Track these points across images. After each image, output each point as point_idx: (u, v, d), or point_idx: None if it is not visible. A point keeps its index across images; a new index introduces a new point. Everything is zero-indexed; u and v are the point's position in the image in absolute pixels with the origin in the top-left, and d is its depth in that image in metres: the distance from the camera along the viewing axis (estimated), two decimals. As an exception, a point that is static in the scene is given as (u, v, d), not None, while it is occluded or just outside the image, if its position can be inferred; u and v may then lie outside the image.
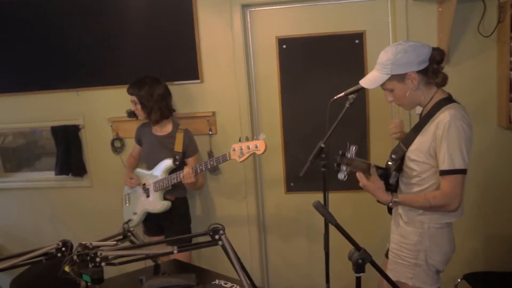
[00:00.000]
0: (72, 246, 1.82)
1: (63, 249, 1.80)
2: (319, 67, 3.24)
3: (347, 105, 2.33)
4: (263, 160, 3.45)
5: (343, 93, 2.36)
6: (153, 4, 3.27)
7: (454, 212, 1.96)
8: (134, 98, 2.96)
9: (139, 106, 2.97)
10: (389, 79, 2.01)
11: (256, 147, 2.64)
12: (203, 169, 2.82)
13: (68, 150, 3.55)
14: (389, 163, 2.14)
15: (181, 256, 2.78)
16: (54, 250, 1.80)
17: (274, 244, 3.56)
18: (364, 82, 2.11)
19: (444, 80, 2.04)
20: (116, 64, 3.39)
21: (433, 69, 2.00)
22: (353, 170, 2.07)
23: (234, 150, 2.70)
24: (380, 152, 3.19)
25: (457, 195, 1.90)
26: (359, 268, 1.47)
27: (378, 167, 2.12)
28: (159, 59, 3.33)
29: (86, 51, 3.41)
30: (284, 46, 3.27)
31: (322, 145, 2.35)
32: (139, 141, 3.19)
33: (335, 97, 2.37)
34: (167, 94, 3.03)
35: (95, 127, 3.54)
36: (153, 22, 3.29)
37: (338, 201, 3.21)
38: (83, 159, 3.59)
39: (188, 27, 3.25)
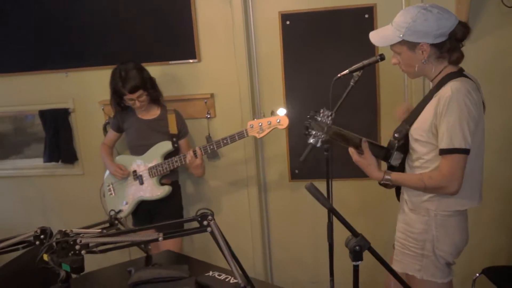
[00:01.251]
0: (51, 233, 1.82)
1: (42, 236, 1.80)
2: (326, 44, 3.20)
3: (352, 83, 2.29)
4: (265, 146, 3.43)
5: (347, 70, 2.31)
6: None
7: (453, 194, 1.90)
8: (138, 93, 2.91)
9: (144, 97, 2.95)
10: (399, 43, 1.94)
11: (279, 122, 2.70)
12: (215, 148, 2.86)
13: (57, 136, 3.56)
14: (391, 141, 2.10)
15: (171, 246, 2.79)
16: (31, 238, 1.80)
17: (278, 236, 3.55)
18: (373, 37, 2.03)
19: (459, 60, 1.96)
20: (108, 42, 3.38)
21: (451, 45, 1.92)
22: (342, 144, 2.08)
23: (252, 127, 2.73)
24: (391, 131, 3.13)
25: (456, 176, 1.85)
26: (356, 255, 1.45)
27: (371, 143, 2.09)
28: (153, 37, 3.31)
29: (76, 29, 3.40)
30: (288, 22, 3.23)
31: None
32: (118, 128, 3.18)
33: (339, 75, 2.33)
34: None
35: (86, 111, 3.54)
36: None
37: (344, 189, 3.18)
38: (73, 145, 3.60)
39: (184, 2, 3.22)
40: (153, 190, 3.03)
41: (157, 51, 3.31)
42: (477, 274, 2.90)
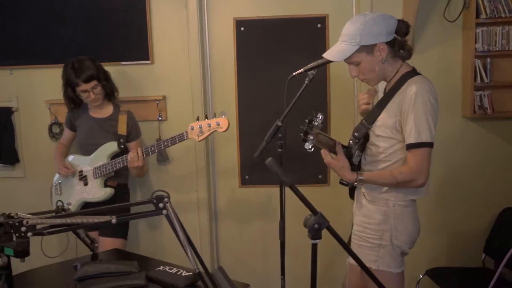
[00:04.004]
0: (-7, 217, 1.70)
1: (-17, 220, 1.68)
2: (279, 51, 3.25)
3: (306, 82, 2.32)
4: (216, 150, 3.41)
5: (302, 69, 2.35)
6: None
7: (421, 187, 1.98)
8: (92, 83, 2.82)
9: (99, 89, 2.86)
10: (357, 51, 2.00)
11: (218, 124, 2.63)
12: (155, 150, 2.77)
13: (-2, 135, 3.38)
14: (351, 141, 2.15)
15: (116, 245, 2.69)
16: (-29, 222, 1.68)
17: (227, 243, 3.50)
18: (329, 55, 2.08)
19: (410, 53, 2.08)
20: (57, 40, 3.28)
21: (399, 41, 2.04)
22: (319, 145, 2.06)
23: (192, 129, 2.67)
24: (341, 132, 3.18)
25: (424, 169, 1.93)
26: (315, 233, 1.44)
27: (342, 146, 2.12)
28: (106, 36, 3.25)
29: (22, 24, 3.27)
30: (242, 29, 3.26)
31: (279, 124, 2.33)
32: (71, 126, 3.08)
33: (294, 73, 2.36)
34: None
35: (31, 110, 3.39)
36: (100, -5, 3.21)
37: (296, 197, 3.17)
38: (15, 145, 3.42)
39: (139, 3, 3.19)
40: (95, 192, 2.91)
41: (109, 50, 3.24)
42: (421, 276, 2.97)
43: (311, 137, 1.98)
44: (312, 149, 2.02)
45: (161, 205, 1.61)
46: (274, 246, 2.50)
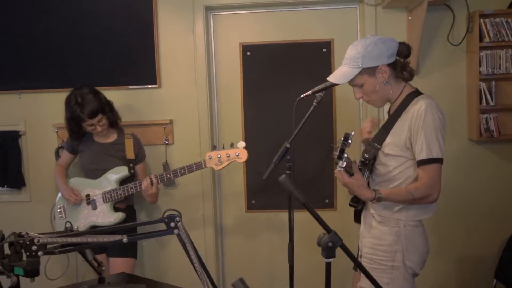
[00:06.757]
0: (3, 237, 1.69)
1: (-7, 240, 1.67)
2: (285, 76, 3.27)
3: (314, 104, 2.34)
4: (222, 175, 3.40)
5: (310, 91, 2.37)
6: (109, 2, 3.24)
7: (433, 202, 1.99)
8: (98, 117, 2.81)
9: (104, 121, 2.86)
10: (360, 74, 2.04)
11: (238, 155, 2.69)
12: (172, 177, 2.79)
13: (4, 159, 3.37)
14: (361, 163, 2.15)
15: (124, 268, 2.67)
16: (-19, 241, 1.66)
17: (233, 266, 3.46)
18: (333, 78, 2.13)
19: (412, 74, 2.11)
20: (65, 65, 3.31)
21: (401, 63, 2.08)
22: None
23: (210, 158, 2.70)
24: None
25: (436, 184, 1.95)
26: (329, 252, 1.42)
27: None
28: (114, 60, 3.27)
29: (31, 50, 3.31)
30: (249, 53, 3.30)
31: (288, 145, 2.34)
32: (73, 150, 3.06)
33: (302, 96, 2.38)
34: None
35: (38, 134, 3.39)
36: (108, 20, 3.25)
37: (303, 221, 3.15)
38: (21, 169, 3.42)
39: (146, 27, 3.23)
40: (106, 216, 2.89)
41: (116, 75, 3.26)
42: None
43: (346, 155, 1.92)
44: (343, 168, 1.95)
45: (172, 224, 1.60)
46: (282, 270, 2.46)
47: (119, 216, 2.90)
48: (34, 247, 1.53)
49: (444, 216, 3.12)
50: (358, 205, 2.19)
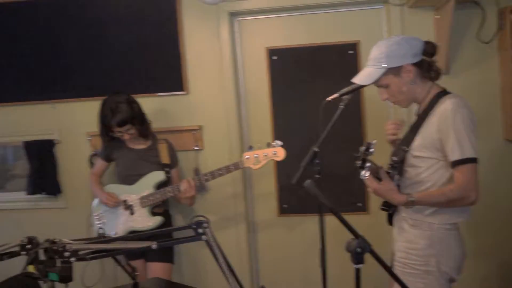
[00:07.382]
0: (38, 243, 1.73)
1: (29, 246, 1.71)
2: (312, 79, 3.26)
3: (341, 106, 2.32)
4: (253, 180, 3.40)
5: (337, 94, 2.35)
6: (136, 11, 3.29)
7: (473, 204, 1.92)
8: (126, 127, 2.86)
9: (133, 131, 2.91)
10: (385, 74, 2.02)
11: (275, 154, 2.73)
12: (209, 179, 2.83)
13: (41, 167, 3.47)
14: (390, 166, 2.12)
15: (161, 273, 2.69)
16: (18, 248, 1.71)
17: (267, 271, 3.46)
18: (358, 80, 2.11)
19: (439, 73, 2.07)
20: (95, 75, 3.38)
21: (427, 62, 2.04)
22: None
23: (247, 158, 2.73)
24: (376, 155, 3.13)
25: (473, 184, 1.88)
26: (358, 258, 1.41)
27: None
28: (142, 69, 3.33)
29: (63, 61, 3.40)
30: (275, 57, 3.30)
31: (316, 149, 2.32)
32: (107, 158, 3.12)
33: (329, 98, 2.36)
34: None
35: (72, 142, 3.48)
36: (135, 30, 3.30)
37: (337, 225, 3.12)
38: (57, 177, 3.51)
39: (172, 35, 3.27)
40: (144, 221, 2.94)
41: (145, 83, 3.32)
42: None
43: (369, 164, 1.89)
44: (367, 176, 1.92)
45: (200, 230, 1.61)
46: (315, 274, 2.44)
47: (158, 220, 2.94)
48: (66, 253, 1.57)
49: (482, 218, 3.03)
50: (390, 209, 2.16)
